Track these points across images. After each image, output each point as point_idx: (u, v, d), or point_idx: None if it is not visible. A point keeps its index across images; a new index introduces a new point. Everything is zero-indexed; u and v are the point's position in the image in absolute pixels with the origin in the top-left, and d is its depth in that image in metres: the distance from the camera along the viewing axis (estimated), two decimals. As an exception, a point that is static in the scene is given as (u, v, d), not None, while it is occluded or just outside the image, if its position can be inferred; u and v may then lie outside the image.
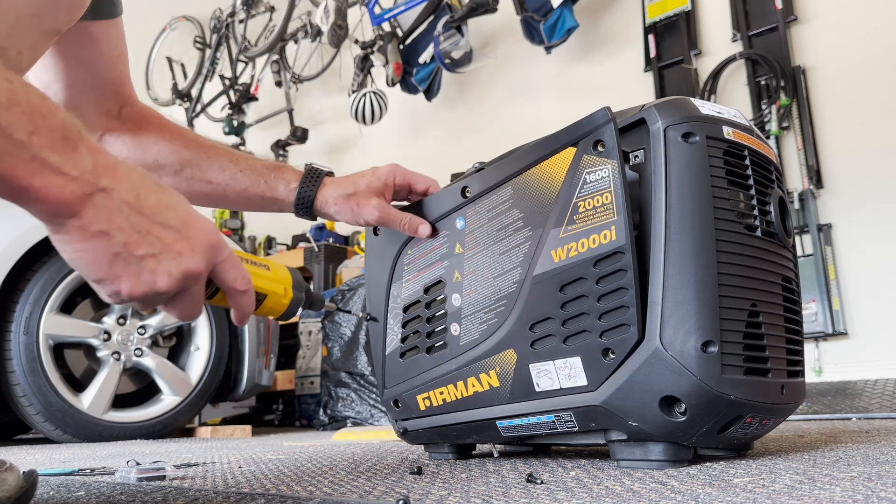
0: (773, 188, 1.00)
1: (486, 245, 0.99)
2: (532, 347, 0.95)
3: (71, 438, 2.46)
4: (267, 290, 0.82)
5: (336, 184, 1.05)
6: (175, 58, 5.64)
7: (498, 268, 0.98)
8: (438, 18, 4.09)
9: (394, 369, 1.13)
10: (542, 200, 0.93)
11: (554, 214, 0.92)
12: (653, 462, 0.92)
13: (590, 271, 0.89)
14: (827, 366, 2.97)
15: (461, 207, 1.01)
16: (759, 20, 3.36)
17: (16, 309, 2.41)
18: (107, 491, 0.95)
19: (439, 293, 1.06)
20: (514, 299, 0.96)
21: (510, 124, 4.24)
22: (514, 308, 0.96)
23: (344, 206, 1.04)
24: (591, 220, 0.89)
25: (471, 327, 1.01)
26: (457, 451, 1.20)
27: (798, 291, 1.04)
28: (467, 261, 1.01)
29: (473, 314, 1.01)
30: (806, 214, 3.06)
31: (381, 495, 0.78)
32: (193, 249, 0.61)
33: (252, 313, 0.74)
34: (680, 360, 0.86)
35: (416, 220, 1.06)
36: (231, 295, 0.69)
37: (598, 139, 0.88)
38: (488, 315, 0.99)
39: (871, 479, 0.73)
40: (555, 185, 0.92)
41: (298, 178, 1.04)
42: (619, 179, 0.86)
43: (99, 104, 0.98)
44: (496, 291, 0.98)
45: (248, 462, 1.37)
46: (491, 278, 0.99)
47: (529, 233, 0.94)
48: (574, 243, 0.90)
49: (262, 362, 2.98)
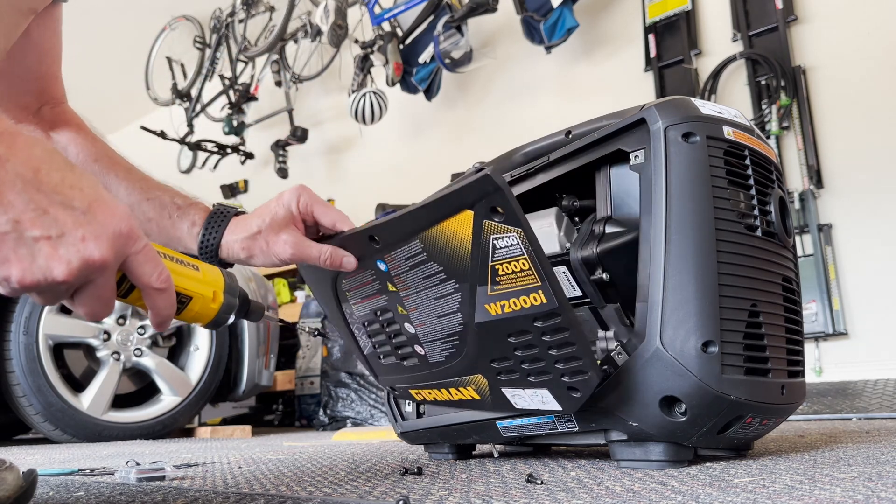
0: (774, 188, 1.00)
1: (418, 290, 0.90)
2: (498, 377, 0.92)
3: (71, 438, 2.46)
4: (192, 292, 0.74)
5: (241, 225, 0.89)
6: (175, 58, 5.64)
7: (438, 310, 0.90)
8: (438, 18, 4.09)
9: (379, 366, 1.10)
10: (456, 257, 0.84)
11: (474, 272, 0.84)
12: (653, 462, 0.91)
13: (531, 326, 0.83)
14: (827, 366, 2.97)
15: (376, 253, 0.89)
16: (759, 20, 3.36)
17: (15, 309, 2.41)
18: (106, 491, 0.95)
19: (391, 318, 0.98)
20: (465, 338, 0.90)
21: (510, 124, 4.24)
22: (469, 345, 0.91)
23: (253, 248, 0.88)
24: (515, 283, 0.81)
25: (434, 351, 0.96)
26: (457, 451, 1.20)
27: (798, 291, 1.04)
28: (405, 299, 0.92)
29: (432, 342, 0.95)
30: (806, 214, 3.06)
31: (381, 495, 0.78)
32: (99, 236, 0.54)
33: (173, 317, 0.67)
34: (680, 360, 0.86)
35: (338, 254, 0.89)
36: (146, 293, 0.62)
37: (493, 206, 0.77)
38: (446, 345, 0.94)
39: (872, 480, 0.73)
40: (464, 245, 0.82)
41: (203, 219, 0.90)
42: (531, 248, 0.78)
43: (17, 96, 0.91)
44: (445, 328, 0.91)
45: (248, 462, 1.37)
46: (435, 317, 0.91)
47: (456, 285, 0.86)
48: (505, 301, 0.83)
49: (261, 362, 2.98)
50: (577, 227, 1.10)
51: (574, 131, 1.11)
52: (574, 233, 1.09)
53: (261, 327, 2.96)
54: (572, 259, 1.02)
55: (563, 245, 1.07)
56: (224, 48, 5.46)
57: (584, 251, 1.01)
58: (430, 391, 1.04)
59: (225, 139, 5.54)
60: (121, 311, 2.63)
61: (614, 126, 0.99)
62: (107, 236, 0.54)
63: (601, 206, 1.05)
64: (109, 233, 0.55)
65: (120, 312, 2.63)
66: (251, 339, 2.91)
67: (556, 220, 1.09)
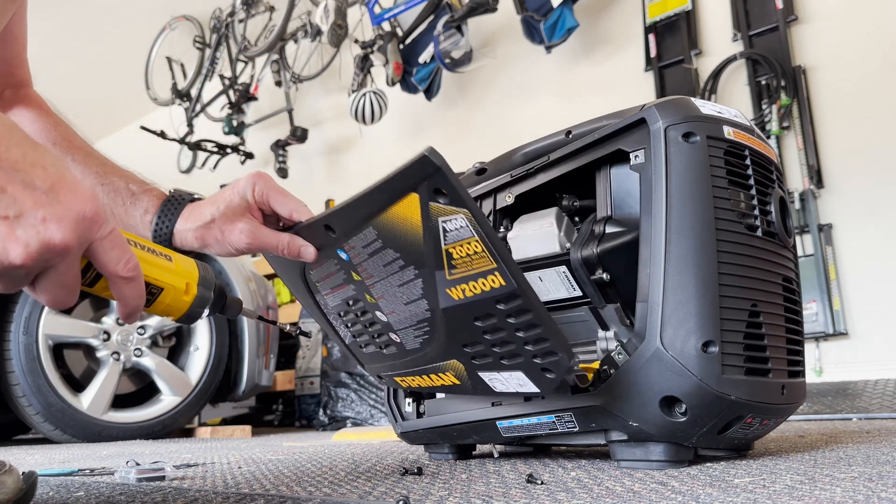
0: (774, 188, 1.00)
1: (381, 277, 0.88)
2: (473, 361, 0.91)
3: (70, 439, 2.46)
4: (164, 283, 0.70)
5: (195, 213, 0.87)
6: (175, 58, 5.64)
7: (404, 297, 0.88)
8: (438, 18, 4.09)
9: (362, 354, 1.09)
10: (410, 243, 0.81)
11: (430, 257, 0.81)
12: (653, 462, 0.91)
13: (495, 309, 0.81)
14: (827, 366, 2.97)
15: (335, 242, 0.87)
16: (759, 20, 3.36)
17: (15, 309, 2.41)
18: (106, 491, 0.95)
19: (363, 307, 0.96)
20: (435, 324, 0.88)
21: (510, 124, 4.24)
22: (439, 331, 0.89)
23: (207, 237, 0.85)
24: (471, 266, 0.79)
25: (409, 338, 0.94)
26: (457, 451, 1.20)
27: (798, 291, 1.04)
28: (371, 287, 0.90)
29: (405, 329, 0.93)
30: (806, 214, 3.06)
31: (381, 495, 0.78)
32: (61, 218, 0.50)
33: (142, 308, 0.63)
34: (680, 360, 0.86)
35: (295, 243, 0.86)
36: (113, 282, 0.58)
37: (436, 187, 0.74)
38: (419, 331, 0.92)
39: (872, 480, 0.73)
40: (415, 229, 0.80)
41: (157, 206, 0.87)
42: (480, 229, 0.75)
43: None
44: (414, 315, 0.90)
45: (248, 462, 1.37)
46: (402, 305, 0.89)
47: (416, 271, 0.84)
48: (465, 285, 0.81)
49: (261, 362, 2.98)
50: (577, 227, 1.10)
51: (574, 131, 1.10)
52: (574, 233, 1.09)
53: (261, 327, 2.96)
54: (572, 259, 1.02)
55: (563, 245, 1.07)
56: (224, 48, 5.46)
57: (584, 251, 1.01)
58: (413, 378, 1.03)
59: (225, 139, 5.53)
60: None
61: (614, 126, 0.99)
62: (70, 219, 0.51)
63: (601, 206, 1.05)
64: (73, 215, 0.51)
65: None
66: (251, 339, 2.91)
67: (556, 220, 1.09)
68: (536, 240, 1.09)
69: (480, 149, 2.03)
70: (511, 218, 1.18)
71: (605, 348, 1.03)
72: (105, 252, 0.56)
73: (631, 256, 0.95)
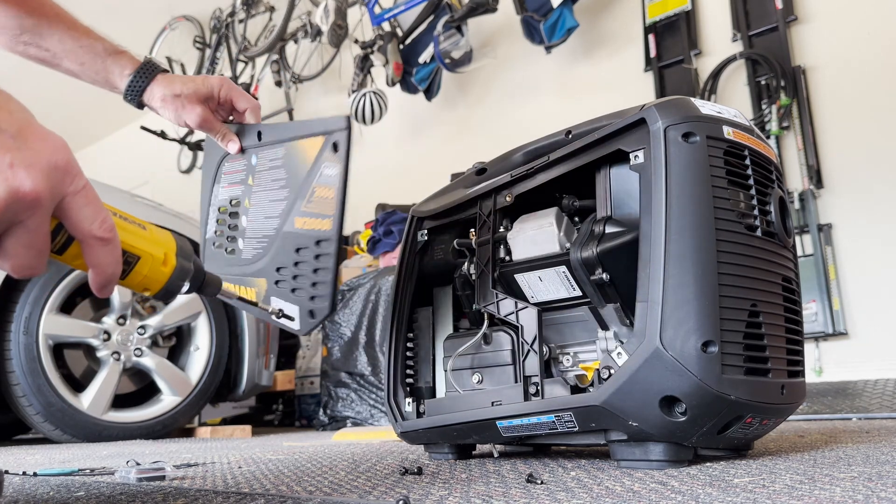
0: (774, 188, 1.00)
1: (264, 189, 1.11)
2: (276, 284, 1.07)
3: (71, 438, 2.46)
4: (140, 251, 0.63)
5: (167, 81, 1.07)
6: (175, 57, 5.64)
7: (268, 211, 1.10)
8: (438, 18, 4.09)
9: (209, 252, 1.21)
10: (298, 171, 1.06)
11: (304, 187, 1.05)
12: (653, 462, 0.91)
13: (312, 245, 1.02)
14: (827, 366, 2.97)
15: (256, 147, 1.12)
16: (759, 20, 3.36)
17: (15, 309, 2.41)
18: (107, 491, 0.95)
19: (237, 210, 1.16)
20: (272, 243, 1.08)
21: (510, 124, 4.24)
22: (271, 249, 1.08)
23: (170, 104, 1.07)
24: (320, 207, 1.02)
25: (248, 248, 1.13)
26: (457, 451, 1.20)
27: (798, 291, 1.04)
28: (253, 194, 1.12)
29: (251, 239, 1.13)
30: (806, 214, 3.06)
31: (381, 495, 0.78)
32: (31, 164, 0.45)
33: (118, 278, 0.57)
34: (680, 360, 0.86)
35: (230, 135, 1.12)
36: (87, 245, 0.52)
37: (335, 141, 1.02)
38: (258, 245, 1.11)
39: (872, 480, 0.73)
40: (307, 163, 1.05)
41: (134, 68, 1.07)
42: (340, 183, 1.00)
43: None
44: (263, 229, 1.10)
45: (248, 462, 1.37)
46: (263, 217, 1.10)
47: (287, 193, 1.07)
48: (308, 219, 1.03)
49: (261, 362, 2.98)
50: (577, 227, 1.10)
51: (574, 131, 1.11)
52: (574, 233, 1.09)
53: (261, 327, 2.96)
54: (572, 259, 1.02)
55: (563, 245, 1.07)
56: (224, 48, 5.46)
57: (584, 251, 1.01)
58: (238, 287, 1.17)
59: (225, 139, 5.53)
60: (120, 310, 2.63)
61: (614, 126, 0.99)
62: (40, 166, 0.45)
63: (601, 206, 1.05)
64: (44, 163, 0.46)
65: (120, 312, 2.63)
66: (251, 339, 2.91)
67: (556, 220, 1.09)
68: (536, 240, 1.09)
69: (480, 149, 2.03)
70: (511, 218, 1.18)
71: (605, 348, 1.03)
72: (79, 209, 0.50)
73: (631, 256, 0.95)
